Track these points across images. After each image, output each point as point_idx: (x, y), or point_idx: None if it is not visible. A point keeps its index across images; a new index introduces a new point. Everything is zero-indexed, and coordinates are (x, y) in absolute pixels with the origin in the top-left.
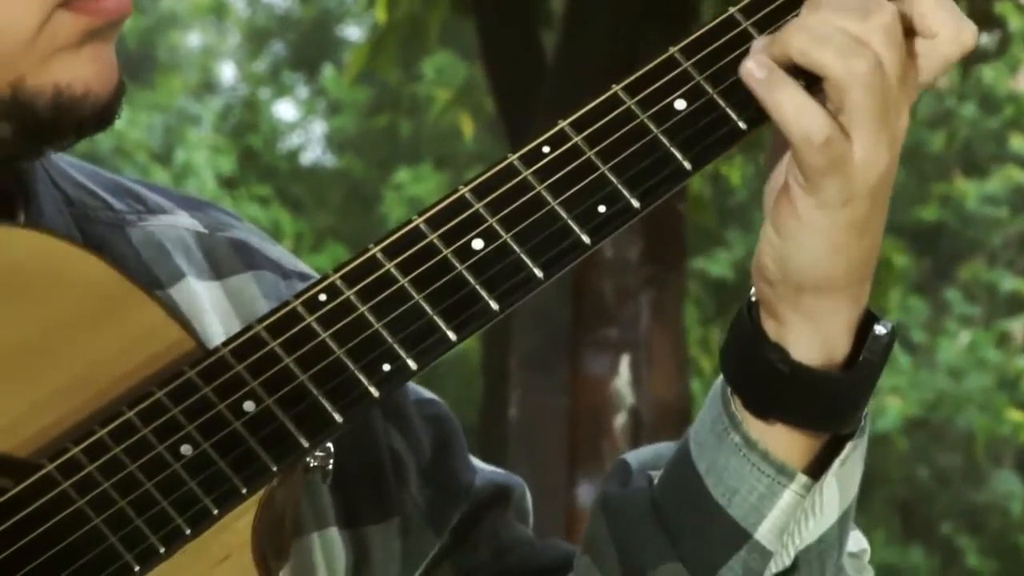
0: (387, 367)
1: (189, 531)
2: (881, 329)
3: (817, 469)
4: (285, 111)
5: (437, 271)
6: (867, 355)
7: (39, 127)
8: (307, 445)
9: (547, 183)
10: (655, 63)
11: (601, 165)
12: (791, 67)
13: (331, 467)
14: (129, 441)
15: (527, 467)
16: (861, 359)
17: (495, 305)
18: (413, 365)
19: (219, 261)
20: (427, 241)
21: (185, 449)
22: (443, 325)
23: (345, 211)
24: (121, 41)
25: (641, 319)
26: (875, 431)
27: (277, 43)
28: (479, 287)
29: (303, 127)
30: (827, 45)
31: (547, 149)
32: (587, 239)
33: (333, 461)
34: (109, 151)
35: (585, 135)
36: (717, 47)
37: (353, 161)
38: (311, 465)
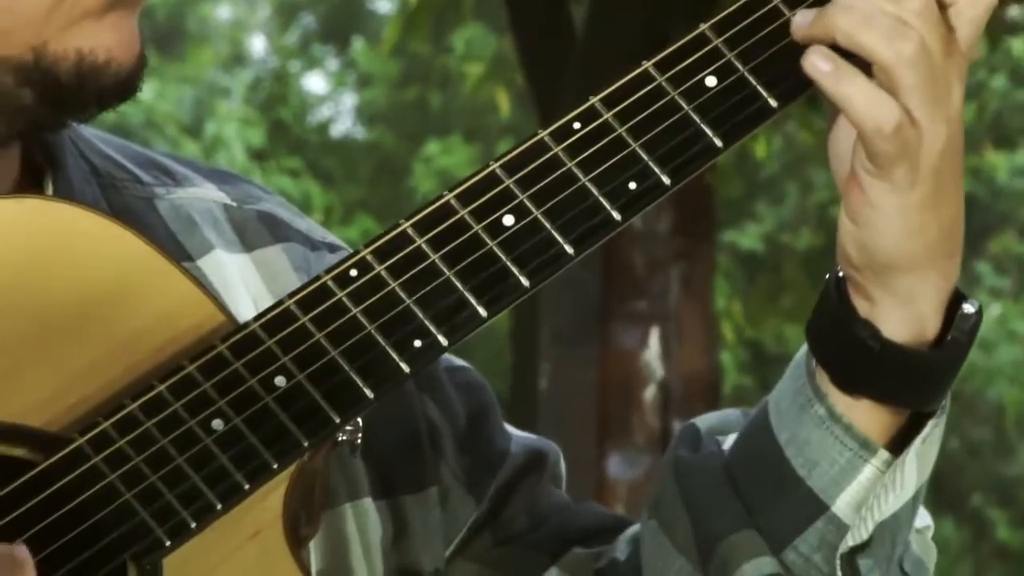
0: (418, 343)
1: (220, 506)
2: (969, 308)
3: (896, 445)
4: (315, 84)
5: (468, 247)
6: (955, 334)
7: (61, 94)
8: (338, 420)
9: (578, 159)
10: (686, 40)
11: (632, 142)
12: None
13: (360, 441)
14: (160, 416)
15: (556, 439)
16: (950, 338)
17: (526, 281)
18: (444, 341)
19: (248, 233)
20: (458, 217)
21: (216, 424)
22: (474, 301)
23: (375, 183)
24: (151, 13)
25: (671, 292)
26: None
27: (307, 16)
28: (510, 263)
29: (333, 99)
30: (873, 28)
31: (578, 125)
32: (618, 216)
33: (365, 433)
34: (140, 124)
35: (616, 111)
36: (748, 24)
37: (383, 133)
38: (340, 439)
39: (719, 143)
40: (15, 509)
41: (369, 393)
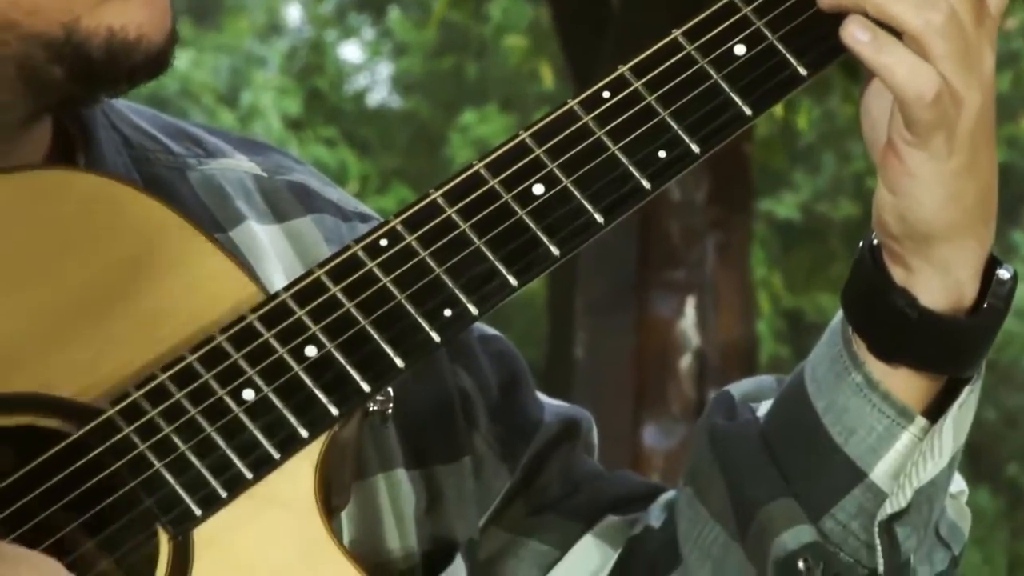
0: (449, 312)
1: (251, 475)
2: (1004, 273)
3: (933, 412)
4: (351, 53)
5: (498, 216)
6: (992, 300)
7: (91, 71)
8: (369, 390)
9: (608, 128)
10: (715, 8)
11: (662, 111)
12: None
13: (391, 411)
14: (191, 386)
15: (592, 408)
16: (987, 304)
17: (556, 250)
18: (475, 310)
19: (279, 204)
20: (488, 186)
21: (247, 394)
22: (504, 270)
23: (411, 153)
24: None
25: (707, 261)
26: None
27: None
28: (540, 232)
29: (369, 69)
30: None
31: (607, 94)
32: (647, 184)
33: (397, 403)
34: (176, 93)
35: (645, 80)
36: None
37: (419, 103)
38: (371, 409)
39: (748, 111)
40: (49, 479)
41: (400, 362)
